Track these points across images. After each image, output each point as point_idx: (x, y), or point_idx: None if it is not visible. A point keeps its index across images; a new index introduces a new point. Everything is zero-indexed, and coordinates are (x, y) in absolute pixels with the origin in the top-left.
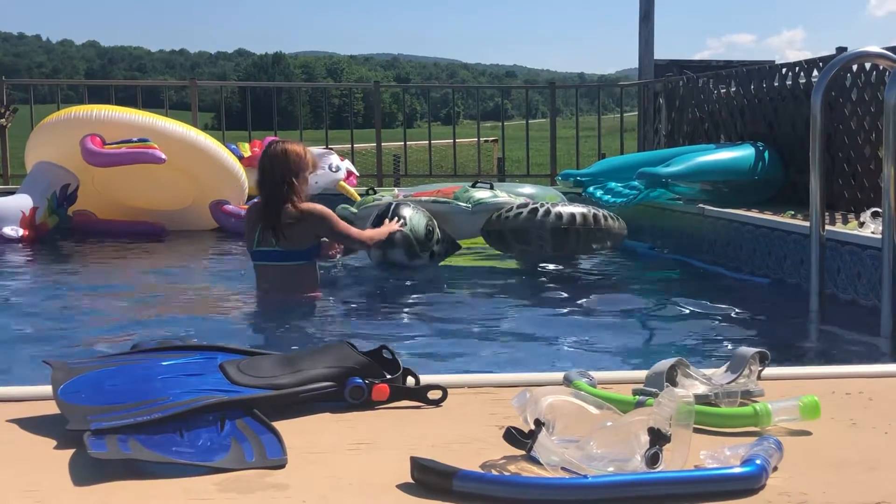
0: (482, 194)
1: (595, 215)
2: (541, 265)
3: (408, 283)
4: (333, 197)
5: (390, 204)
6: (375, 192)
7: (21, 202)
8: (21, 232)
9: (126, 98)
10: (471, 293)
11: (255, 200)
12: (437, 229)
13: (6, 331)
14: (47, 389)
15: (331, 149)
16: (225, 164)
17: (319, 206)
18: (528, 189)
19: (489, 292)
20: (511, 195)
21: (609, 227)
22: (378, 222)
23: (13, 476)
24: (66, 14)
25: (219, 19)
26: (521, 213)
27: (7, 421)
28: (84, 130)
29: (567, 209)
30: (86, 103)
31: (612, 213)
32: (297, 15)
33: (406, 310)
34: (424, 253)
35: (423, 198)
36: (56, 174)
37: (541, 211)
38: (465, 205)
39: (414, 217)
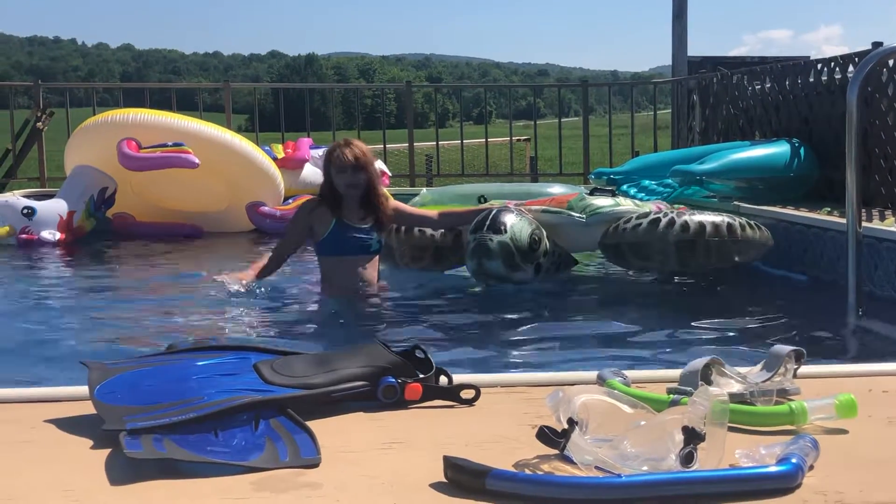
0: (600, 202)
1: (730, 225)
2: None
3: (438, 284)
4: None
5: (491, 210)
6: (486, 201)
7: (59, 206)
8: (58, 236)
9: (161, 101)
10: (504, 292)
11: (311, 197)
12: (546, 240)
13: (44, 332)
14: (84, 390)
15: None
16: (261, 166)
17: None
18: (556, 189)
19: (522, 291)
20: (636, 202)
21: (749, 238)
22: (476, 229)
23: (50, 476)
24: (101, 18)
25: (252, 22)
26: (641, 223)
27: (44, 421)
28: (121, 134)
29: (696, 218)
30: (121, 106)
31: (752, 221)
32: (329, 16)
33: (438, 309)
34: (527, 265)
35: (534, 207)
36: (94, 178)
37: (664, 221)
38: (578, 215)
39: (517, 225)
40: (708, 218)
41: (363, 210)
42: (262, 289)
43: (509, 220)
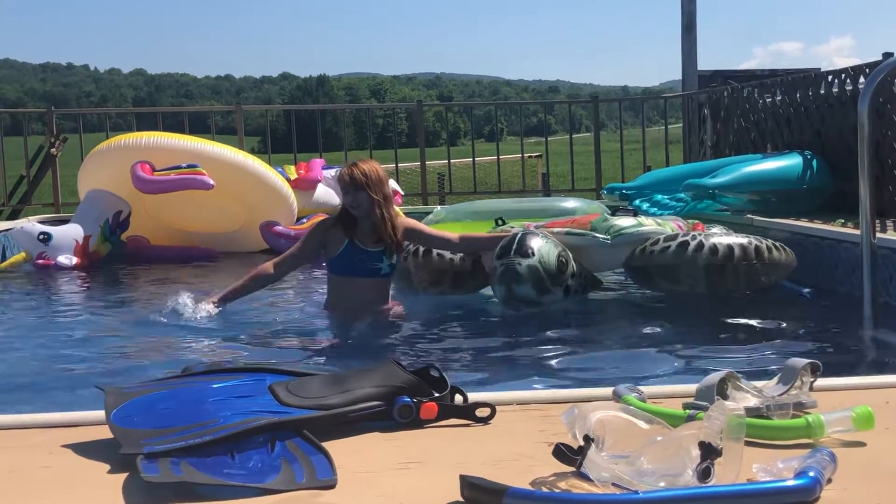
0: (624, 223)
1: (758, 247)
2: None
3: (450, 304)
4: None
5: (516, 234)
6: (504, 223)
7: (74, 231)
8: (74, 260)
9: (173, 124)
10: (518, 309)
11: (329, 216)
12: (573, 261)
13: (61, 357)
14: (100, 414)
15: None
16: (274, 185)
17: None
18: (571, 202)
19: (537, 308)
20: (657, 222)
21: (775, 260)
22: (502, 254)
23: (68, 501)
24: (114, 44)
25: (263, 44)
26: (670, 246)
27: (61, 446)
28: (134, 157)
29: (724, 240)
30: (134, 131)
31: (777, 243)
32: (340, 38)
33: (451, 328)
34: (557, 288)
35: (556, 228)
36: (108, 202)
37: (692, 245)
38: (603, 236)
39: (544, 247)
40: (736, 241)
41: (377, 233)
42: (227, 315)
43: (536, 243)
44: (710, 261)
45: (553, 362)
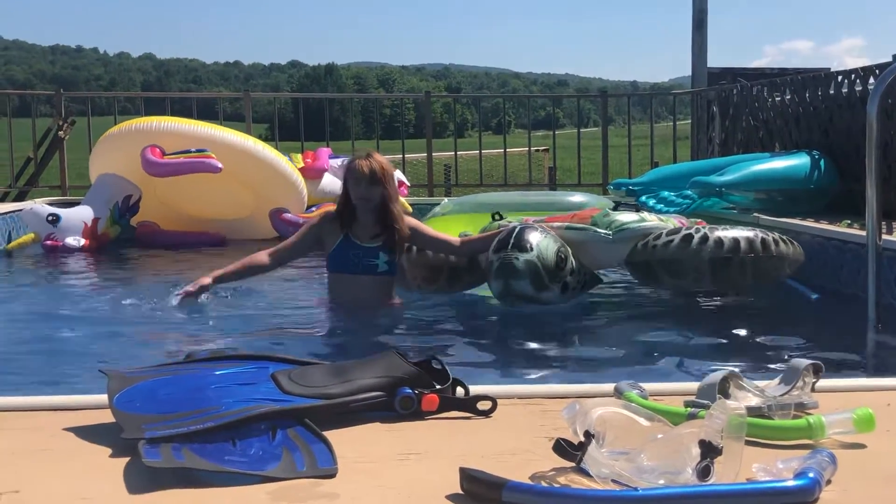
0: (626, 218)
1: (764, 240)
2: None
3: (451, 298)
4: None
5: (514, 228)
6: (502, 217)
7: (83, 213)
8: (82, 242)
9: (181, 110)
10: (514, 305)
11: (330, 210)
12: (572, 258)
13: (63, 340)
14: (103, 398)
15: None
16: (284, 172)
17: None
18: (578, 197)
19: (534, 305)
20: (660, 218)
21: (783, 254)
22: (499, 248)
23: (69, 484)
24: (124, 28)
25: (272, 31)
26: (673, 240)
27: (63, 429)
28: (146, 141)
29: (729, 234)
30: (142, 115)
31: (784, 237)
32: (349, 26)
33: (454, 321)
34: (555, 284)
35: (556, 223)
36: (118, 185)
37: (696, 238)
38: (604, 232)
39: (542, 242)
40: (741, 233)
41: (376, 228)
42: (225, 294)
43: (534, 237)
44: (715, 254)
45: (555, 357)
